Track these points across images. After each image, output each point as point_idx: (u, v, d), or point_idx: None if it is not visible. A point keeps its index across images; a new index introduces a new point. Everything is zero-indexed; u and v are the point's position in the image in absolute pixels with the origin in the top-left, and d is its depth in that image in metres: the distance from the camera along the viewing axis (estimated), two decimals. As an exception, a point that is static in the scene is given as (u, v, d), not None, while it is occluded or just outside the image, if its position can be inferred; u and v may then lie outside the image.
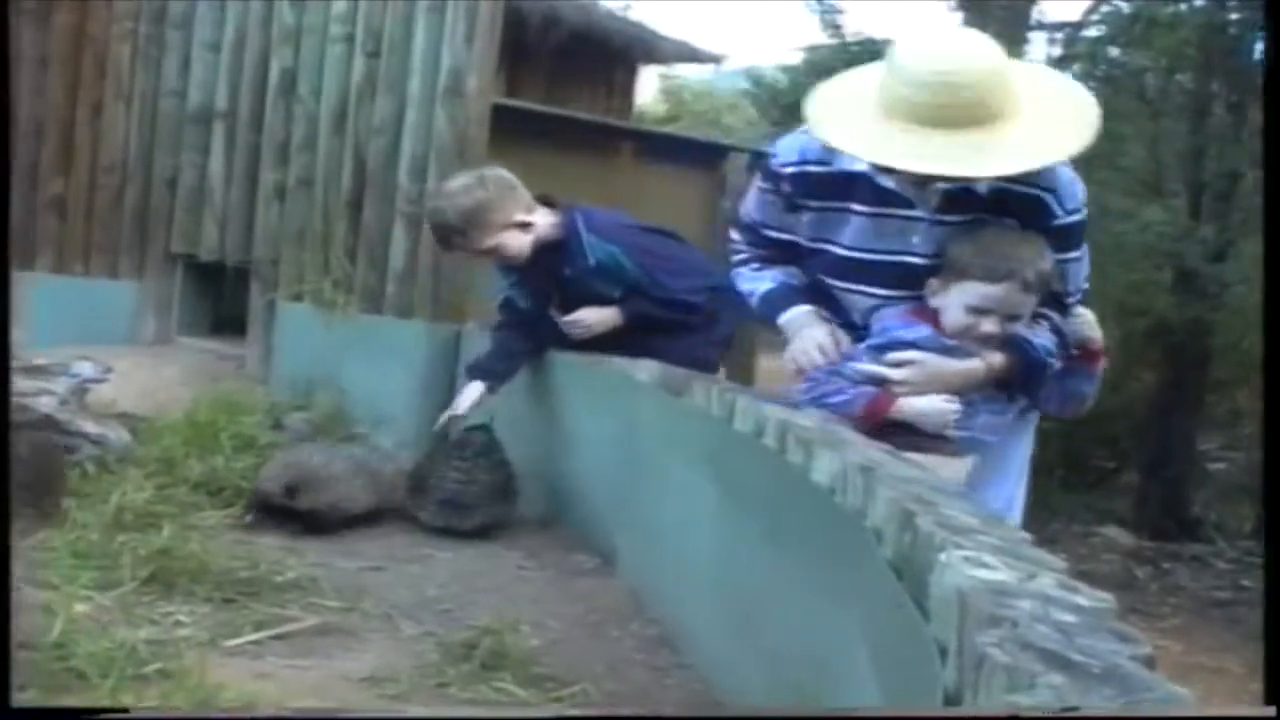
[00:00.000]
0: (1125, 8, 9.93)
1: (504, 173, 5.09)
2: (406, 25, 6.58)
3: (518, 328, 5.28)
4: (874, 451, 2.79)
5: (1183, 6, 9.45)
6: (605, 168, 8.37)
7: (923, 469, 2.75)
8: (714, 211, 9.78)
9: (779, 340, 3.97)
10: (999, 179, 3.27)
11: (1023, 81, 3.25)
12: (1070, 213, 3.42)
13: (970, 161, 3.14)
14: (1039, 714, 1.32)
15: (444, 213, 5.01)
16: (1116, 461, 10.77)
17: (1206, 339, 9.23)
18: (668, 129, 15.17)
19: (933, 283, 3.42)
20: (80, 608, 3.38)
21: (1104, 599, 1.76)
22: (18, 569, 3.52)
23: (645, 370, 4.50)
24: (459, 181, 5.08)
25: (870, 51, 10.58)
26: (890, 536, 2.23)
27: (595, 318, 5.02)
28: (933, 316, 3.45)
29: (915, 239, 3.42)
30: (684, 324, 5.06)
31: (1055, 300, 3.52)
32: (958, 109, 3.10)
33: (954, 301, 3.39)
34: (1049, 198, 3.37)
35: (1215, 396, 10.21)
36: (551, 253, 5.04)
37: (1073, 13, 10.39)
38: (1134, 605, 7.26)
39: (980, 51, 3.19)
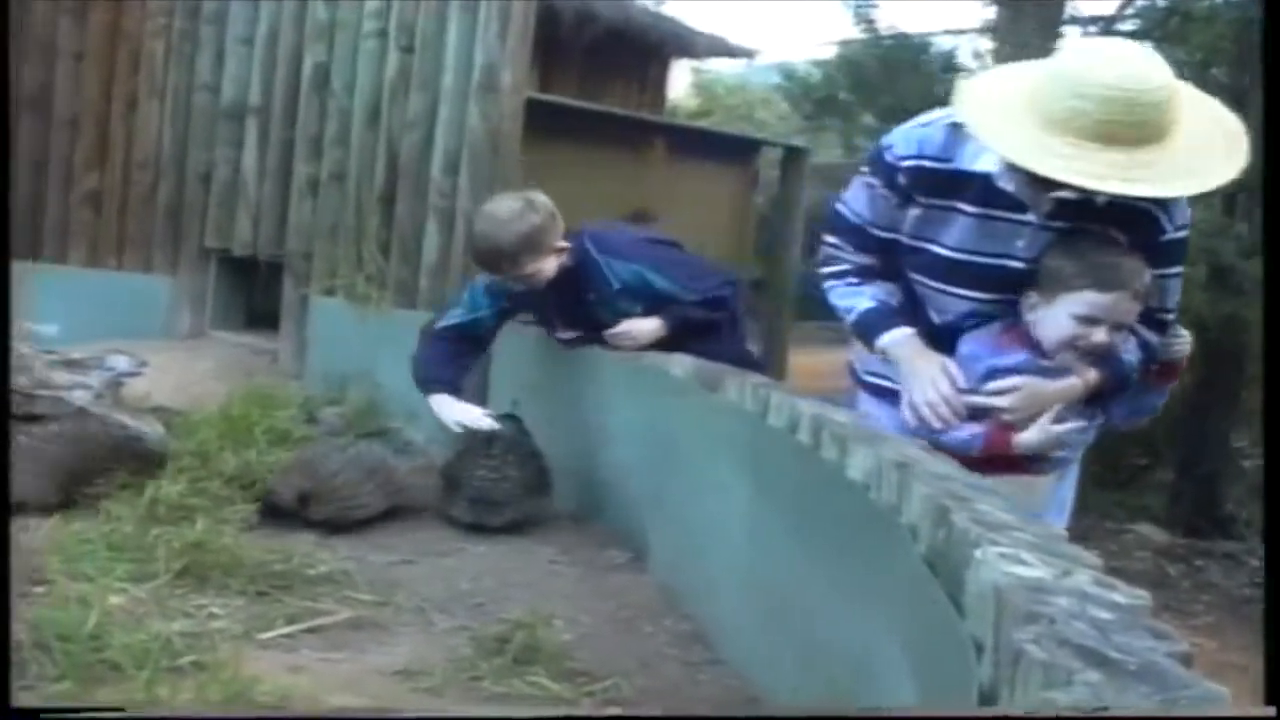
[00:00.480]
0: (1160, 2, 9.89)
1: (544, 196, 5.04)
2: (440, 21, 6.60)
3: (471, 344, 5.31)
4: (909, 448, 2.79)
5: (1218, 0, 9.41)
6: (638, 163, 8.38)
7: (953, 466, 2.74)
8: (747, 206, 9.80)
9: (812, 336, 3.96)
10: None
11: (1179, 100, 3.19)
12: (1179, 229, 3.40)
13: (1146, 182, 3.05)
14: (1076, 714, 1.31)
15: (496, 238, 4.92)
16: (1149, 459, 10.73)
17: (1241, 335, 9.18)
18: (700, 124, 15.17)
19: (1032, 295, 3.40)
20: (115, 600, 3.39)
21: (1140, 596, 1.75)
22: (55, 561, 3.56)
23: (679, 365, 4.49)
24: (507, 206, 4.98)
25: (903, 46, 10.59)
26: (925, 533, 2.22)
27: (643, 328, 4.98)
28: (1021, 335, 3.43)
29: (1019, 243, 3.39)
30: (718, 324, 5.11)
31: (1148, 315, 3.48)
32: (1130, 126, 3.02)
33: (1060, 313, 3.36)
34: (1160, 213, 3.35)
35: (1250, 393, 10.17)
36: (568, 277, 5.04)
37: (1107, 7, 10.36)
38: (1167, 603, 7.24)
39: (1157, 70, 3.12)
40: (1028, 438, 3.36)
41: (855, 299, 3.71)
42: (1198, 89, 3.36)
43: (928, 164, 3.44)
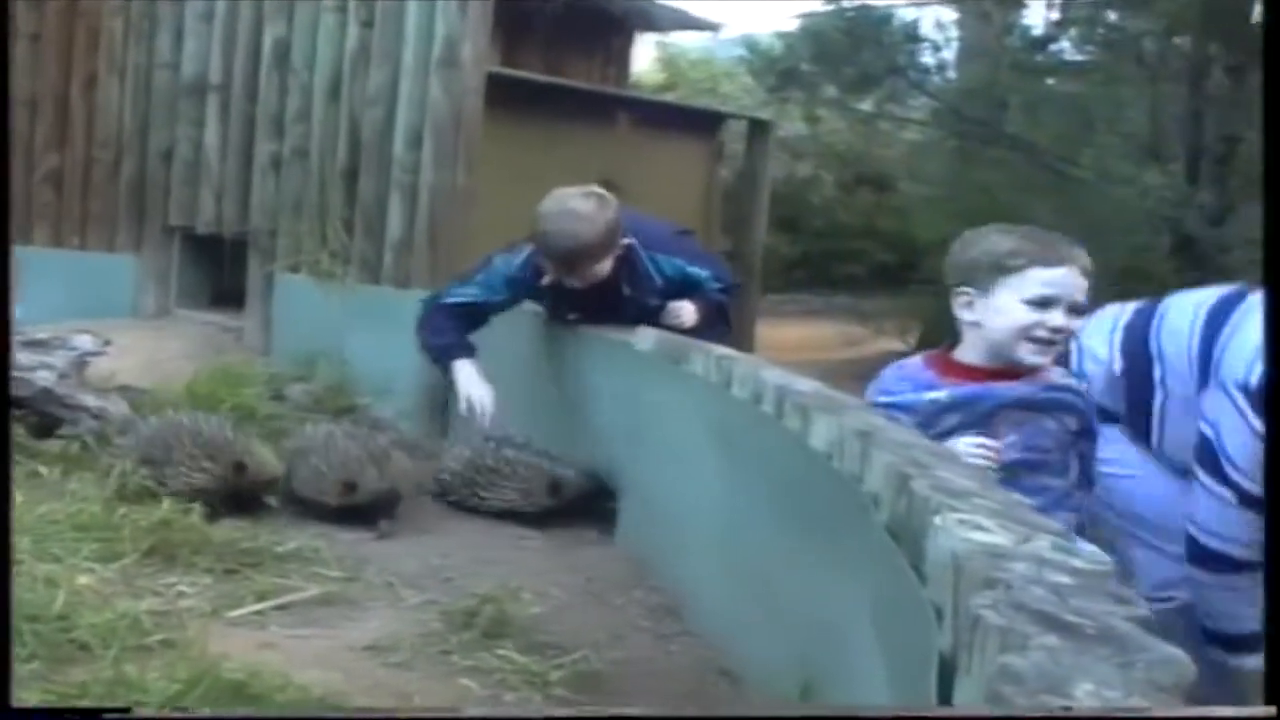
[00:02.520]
0: (1123, -32, 9.90)
1: (604, 191, 4.87)
2: (400, -5, 6.59)
3: (473, 321, 5.10)
4: (872, 416, 2.79)
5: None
6: (602, 137, 8.37)
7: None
8: (713, 179, 9.79)
9: (779, 309, 3.96)
10: None
11: None
12: None
13: None
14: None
15: (582, 235, 4.67)
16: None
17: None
18: (665, 97, 15.14)
19: (963, 293, 3.05)
20: (83, 580, 3.39)
21: (1102, 561, 1.76)
22: (22, 542, 3.55)
23: (644, 338, 4.50)
24: (581, 202, 4.73)
25: (865, 17, 10.58)
26: (887, 500, 2.23)
27: (690, 310, 4.90)
28: (941, 361, 3.10)
29: None
30: (726, 306, 5.16)
31: None
32: None
33: (1007, 301, 2.97)
34: None
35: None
36: (611, 272, 4.84)
37: (1068, -24, 10.37)
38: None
39: None
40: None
41: None
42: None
43: None
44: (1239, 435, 3.32)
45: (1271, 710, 1.32)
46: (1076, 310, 3.03)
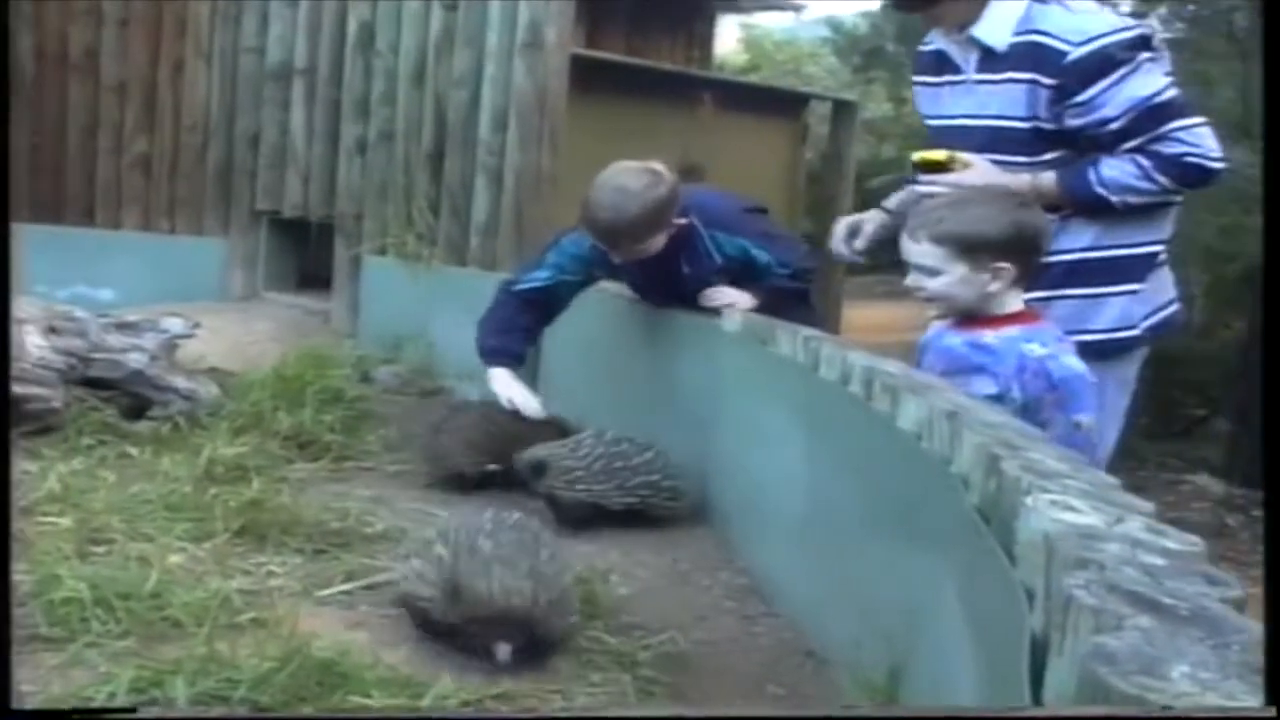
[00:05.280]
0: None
1: (664, 167, 4.67)
2: (483, -22, 6.60)
3: (547, 309, 5.02)
4: (961, 397, 2.78)
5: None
6: (686, 118, 8.35)
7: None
8: (796, 160, 9.75)
9: (866, 290, 3.94)
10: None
11: None
12: (1079, 44, 3.52)
13: None
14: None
15: (624, 210, 4.51)
16: (1207, 409, 10.64)
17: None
18: (749, 79, 15.09)
19: None
20: (174, 559, 3.44)
21: (1193, 542, 1.74)
22: (115, 522, 3.60)
23: (731, 320, 4.49)
24: (635, 178, 4.57)
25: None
26: (976, 482, 2.22)
27: (741, 300, 4.70)
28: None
29: (966, 100, 3.77)
30: (804, 294, 4.98)
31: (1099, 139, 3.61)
32: None
33: None
34: (1046, 40, 3.56)
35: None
36: (666, 248, 4.68)
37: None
38: (1225, 553, 7.19)
39: None
40: None
41: None
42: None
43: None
44: None
45: (1271, 711, 1.30)
46: (926, 270, 3.29)
